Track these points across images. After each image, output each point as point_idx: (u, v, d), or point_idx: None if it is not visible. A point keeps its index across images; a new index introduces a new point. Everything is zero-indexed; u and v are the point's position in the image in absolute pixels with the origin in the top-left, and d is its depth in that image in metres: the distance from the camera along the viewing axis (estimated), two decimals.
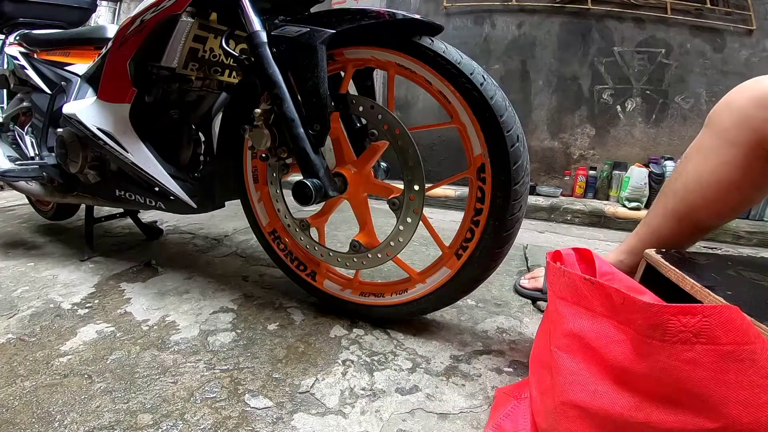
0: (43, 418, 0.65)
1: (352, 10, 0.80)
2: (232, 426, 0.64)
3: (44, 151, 1.37)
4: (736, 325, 0.38)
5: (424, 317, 0.98)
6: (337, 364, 0.80)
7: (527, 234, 1.86)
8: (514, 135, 0.75)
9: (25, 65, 1.42)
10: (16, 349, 0.84)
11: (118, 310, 1.00)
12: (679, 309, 0.40)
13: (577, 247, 0.68)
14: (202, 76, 1.07)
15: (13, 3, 1.51)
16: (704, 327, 0.39)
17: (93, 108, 1.12)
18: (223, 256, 1.41)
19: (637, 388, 0.45)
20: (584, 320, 0.50)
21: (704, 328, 0.39)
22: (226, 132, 1.01)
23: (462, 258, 0.83)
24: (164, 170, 1.08)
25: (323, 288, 1.01)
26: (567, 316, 0.52)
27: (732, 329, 0.38)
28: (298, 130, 0.78)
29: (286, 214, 1.00)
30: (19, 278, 1.20)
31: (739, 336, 0.38)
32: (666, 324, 0.40)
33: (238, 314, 0.99)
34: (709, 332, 0.39)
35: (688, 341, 0.39)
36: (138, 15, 0.97)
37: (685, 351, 0.39)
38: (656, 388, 0.43)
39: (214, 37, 1.01)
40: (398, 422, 0.66)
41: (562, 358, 0.51)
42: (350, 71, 0.89)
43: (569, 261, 0.64)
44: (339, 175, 0.89)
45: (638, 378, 0.44)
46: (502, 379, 0.77)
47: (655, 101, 2.64)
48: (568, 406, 0.49)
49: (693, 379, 0.40)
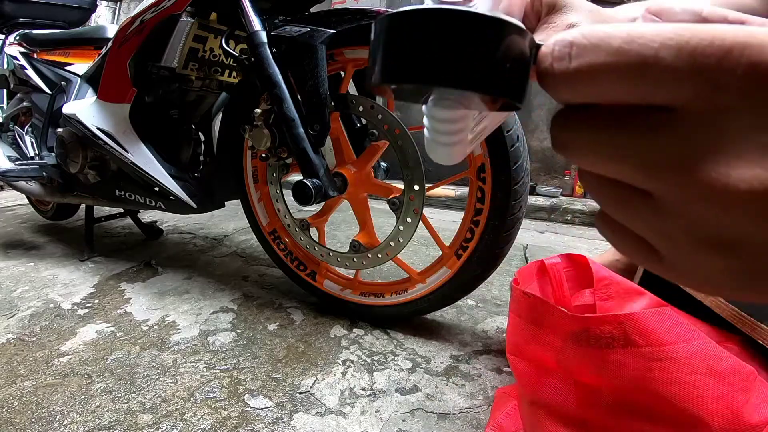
0: (43, 418, 0.65)
1: (352, 10, 0.80)
2: (232, 426, 0.64)
3: (44, 151, 1.37)
4: (650, 329, 0.43)
5: (424, 317, 0.98)
6: (337, 364, 0.80)
7: (527, 234, 1.86)
8: (514, 135, 0.75)
9: (25, 65, 1.42)
10: (16, 349, 0.84)
11: (118, 310, 1.00)
12: (598, 319, 0.46)
13: (570, 254, 0.67)
14: (202, 76, 1.07)
15: (13, 3, 1.51)
16: (618, 333, 0.44)
17: (93, 108, 1.12)
18: (223, 256, 1.41)
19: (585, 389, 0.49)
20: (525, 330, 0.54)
21: (619, 334, 0.44)
22: (226, 132, 1.02)
23: (462, 258, 0.83)
24: (164, 170, 1.08)
25: (323, 288, 1.01)
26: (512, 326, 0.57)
27: (645, 333, 0.43)
28: (298, 130, 0.78)
29: (286, 214, 1.00)
30: (19, 278, 1.20)
31: (655, 338, 0.43)
32: (590, 332, 0.46)
33: (238, 314, 0.99)
34: (625, 337, 0.44)
35: (610, 345, 0.45)
36: (138, 15, 0.97)
37: (610, 353, 0.45)
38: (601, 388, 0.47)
39: (214, 37, 1.01)
40: (398, 422, 0.66)
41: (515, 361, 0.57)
42: (350, 71, 0.89)
43: (554, 270, 0.64)
44: (339, 175, 0.89)
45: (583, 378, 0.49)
46: (502, 379, 0.77)
47: None
48: (535, 406, 0.53)
49: (623, 377, 0.44)
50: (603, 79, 0.13)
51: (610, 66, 0.13)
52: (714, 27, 0.12)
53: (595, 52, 0.13)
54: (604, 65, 0.13)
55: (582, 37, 0.14)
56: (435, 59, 0.17)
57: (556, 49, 0.14)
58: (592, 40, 0.13)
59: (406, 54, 0.17)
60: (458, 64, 0.16)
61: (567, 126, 0.16)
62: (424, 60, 0.17)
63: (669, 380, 0.43)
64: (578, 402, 0.49)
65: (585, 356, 0.46)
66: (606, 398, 0.47)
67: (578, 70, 0.14)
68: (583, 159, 0.16)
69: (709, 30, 0.12)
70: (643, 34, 0.13)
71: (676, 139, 0.13)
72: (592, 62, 0.13)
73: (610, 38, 0.13)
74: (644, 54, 0.12)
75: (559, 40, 0.14)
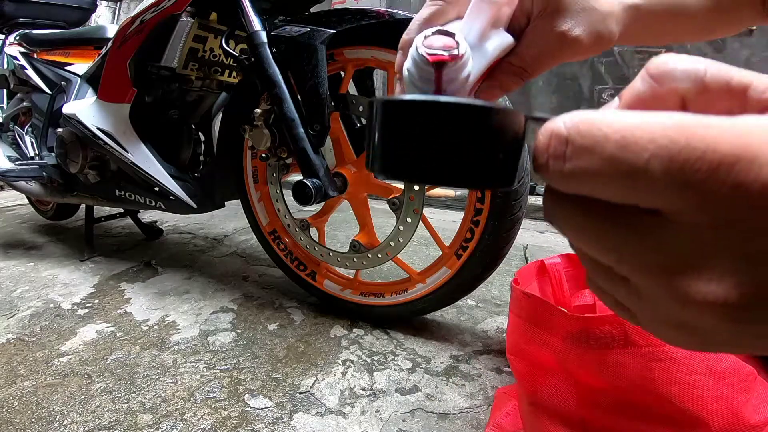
0: (43, 418, 0.65)
1: (352, 10, 0.80)
2: (232, 426, 0.64)
3: (44, 151, 1.37)
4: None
5: (424, 317, 0.98)
6: (337, 364, 0.80)
7: (527, 234, 1.86)
8: None
9: (25, 65, 1.42)
10: (16, 349, 0.84)
11: (118, 310, 1.00)
12: (598, 319, 0.46)
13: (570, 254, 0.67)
14: (202, 76, 1.07)
15: (13, 3, 1.51)
16: (618, 333, 0.44)
17: (93, 108, 1.12)
18: (223, 256, 1.41)
19: (585, 389, 0.49)
20: (525, 330, 0.54)
21: (619, 334, 0.44)
22: (226, 132, 1.02)
23: (462, 258, 0.83)
24: (164, 170, 1.08)
25: (323, 288, 1.01)
26: (512, 326, 0.57)
27: (645, 333, 0.43)
28: (298, 130, 0.78)
29: (286, 214, 1.00)
30: (19, 278, 1.20)
31: (655, 338, 0.43)
32: (590, 332, 0.46)
33: (238, 314, 0.99)
34: (625, 337, 0.44)
35: (610, 345, 0.45)
36: (138, 15, 0.97)
37: (610, 353, 0.45)
38: (601, 388, 0.47)
39: (214, 37, 1.01)
40: (398, 422, 0.66)
41: (515, 361, 0.57)
42: (350, 71, 0.89)
43: (554, 270, 0.64)
44: (339, 175, 0.89)
45: (583, 378, 0.49)
46: (502, 379, 0.77)
47: None
48: (535, 406, 0.53)
49: (623, 377, 0.44)
50: (595, 182, 0.14)
51: (602, 173, 0.13)
52: (711, 129, 0.12)
53: (590, 156, 0.13)
54: (596, 171, 0.13)
55: (578, 136, 0.14)
56: (425, 157, 0.17)
57: (552, 145, 0.15)
58: (587, 141, 0.13)
59: (398, 151, 0.17)
60: (448, 162, 0.16)
61: (558, 204, 0.16)
62: (414, 158, 0.17)
63: (669, 380, 0.43)
64: (578, 402, 0.49)
65: (585, 356, 0.46)
66: (606, 398, 0.47)
67: (572, 172, 0.14)
68: (570, 236, 0.17)
69: (704, 136, 0.12)
70: (637, 140, 0.13)
71: (657, 244, 0.14)
72: (585, 167, 0.14)
73: (605, 142, 0.13)
74: (635, 164, 0.13)
75: (555, 134, 0.14)
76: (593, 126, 0.14)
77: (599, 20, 0.29)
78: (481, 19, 0.24)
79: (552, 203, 0.17)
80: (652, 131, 0.13)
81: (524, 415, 0.58)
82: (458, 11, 0.27)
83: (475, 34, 0.24)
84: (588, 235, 0.16)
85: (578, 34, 0.28)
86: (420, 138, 0.16)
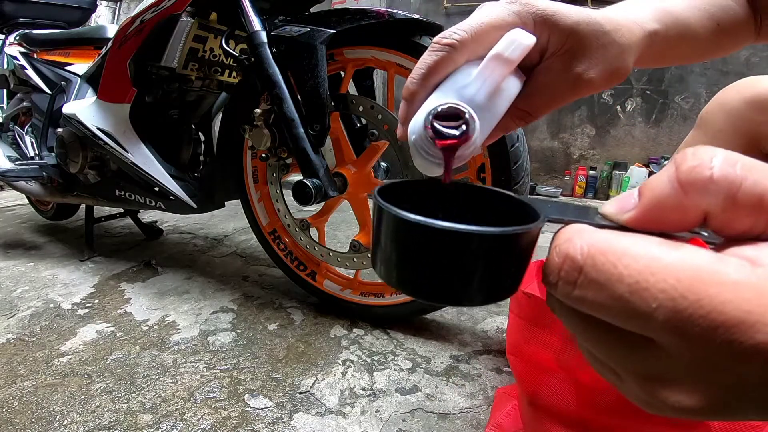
0: (43, 418, 0.65)
1: (352, 10, 0.80)
2: (232, 426, 0.64)
3: (44, 151, 1.37)
4: None
5: (424, 317, 0.98)
6: (337, 364, 0.80)
7: None
8: (513, 135, 0.75)
9: (25, 65, 1.42)
10: (16, 349, 0.84)
11: (118, 310, 1.00)
12: None
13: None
14: (202, 76, 1.07)
15: (13, 3, 1.51)
16: None
17: (93, 108, 1.12)
18: (223, 256, 1.41)
19: (585, 389, 0.49)
20: (525, 330, 0.54)
21: None
22: (226, 132, 1.01)
23: None
24: (164, 170, 1.08)
25: (323, 288, 1.01)
26: (512, 326, 0.57)
27: None
28: (298, 130, 0.78)
29: (286, 214, 1.00)
30: (19, 278, 1.20)
31: None
32: None
33: (238, 314, 0.99)
34: None
35: None
36: (138, 15, 0.97)
37: None
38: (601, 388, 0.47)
39: (214, 37, 1.01)
40: (398, 422, 0.66)
41: (515, 361, 0.57)
42: (350, 71, 0.89)
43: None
44: (339, 175, 0.89)
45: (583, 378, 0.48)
46: (502, 379, 0.77)
47: (655, 101, 2.64)
48: (535, 406, 0.53)
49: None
50: (598, 311, 0.15)
51: (608, 307, 0.14)
52: (723, 289, 0.12)
53: (600, 291, 0.14)
54: (602, 305, 0.14)
55: (593, 269, 0.14)
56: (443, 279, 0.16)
57: (565, 270, 0.15)
58: (600, 277, 0.14)
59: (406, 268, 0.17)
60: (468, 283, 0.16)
61: (559, 306, 0.17)
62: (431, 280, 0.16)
63: None
64: (578, 402, 0.49)
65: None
66: (606, 398, 0.47)
67: (579, 299, 0.15)
68: (567, 327, 0.18)
69: (714, 297, 0.12)
70: (649, 288, 0.13)
71: (643, 358, 0.15)
72: (594, 299, 0.14)
73: (617, 282, 0.13)
74: (641, 310, 0.13)
75: (570, 259, 0.15)
76: (609, 261, 0.14)
77: (616, 55, 0.27)
78: (493, 78, 0.23)
79: (554, 304, 0.18)
80: (665, 280, 0.13)
81: (524, 415, 0.58)
82: (468, 56, 0.24)
83: (485, 93, 0.23)
84: (583, 335, 0.17)
85: (592, 77, 0.26)
86: (441, 263, 0.16)
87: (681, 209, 0.15)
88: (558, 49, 0.26)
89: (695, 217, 0.15)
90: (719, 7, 0.33)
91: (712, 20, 0.33)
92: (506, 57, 0.22)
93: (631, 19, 0.28)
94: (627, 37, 0.27)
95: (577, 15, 0.25)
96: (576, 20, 0.25)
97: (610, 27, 0.26)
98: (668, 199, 0.15)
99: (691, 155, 0.14)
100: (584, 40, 0.26)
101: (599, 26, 0.26)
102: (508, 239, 0.16)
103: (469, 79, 0.23)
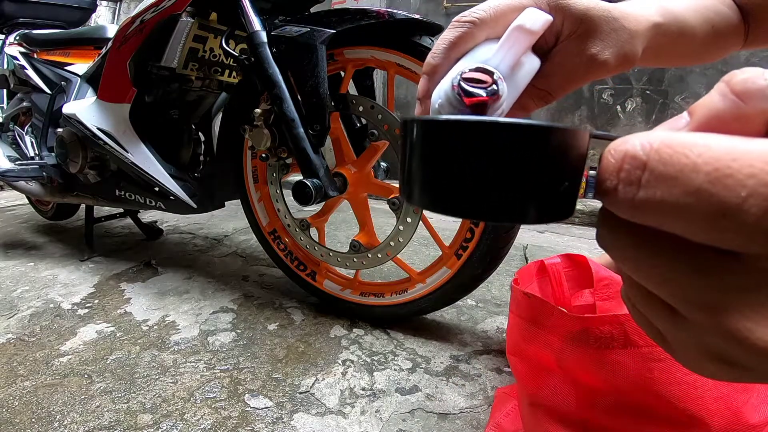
0: (43, 418, 0.65)
1: (352, 10, 0.80)
2: (232, 426, 0.64)
3: (44, 151, 1.37)
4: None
5: (424, 317, 0.98)
6: (337, 364, 0.80)
7: (527, 234, 1.86)
8: None
9: (25, 65, 1.42)
10: (16, 349, 0.84)
11: (118, 310, 1.00)
12: (598, 319, 0.45)
13: (569, 254, 0.67)
14: (202, 76, 1.07)
15: (13, 3, 1.51)
16: (618, 333, 0.44)
17: (93, 108, 1.12)
18: (223, 256, 1.41)
19: (585, 390, 0.49)
20: (525, 330, 0.54)
21: (618, 334, 0.44)
22: (226, 132, 1.02)
23: (462, 258, 0.83)
24: (164, 170, 1.08)
25: (323, 288, 1.01)
26: (512, 326, 0.57)
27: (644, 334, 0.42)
28: (298, 130, 0.78)
29: (286, 214, 1.00)
30: (19, 278, 1.20)
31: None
32: (590, 332, 0.46)
33: (238, 314, 0.99)
34: (625, 337, 0.44)
35: (609, 345, 0.45)
36: (138, 15, 0.97)
37: (610, 353, 0.45)
38: (601, 388, 0.47)
39: (214, 37, 1.01)
40: (398, 422, 0.66)
41: (515, 361, 0.57)
42: (350, 71, 0.89)
43: (554, 270, 0.64)
44: (339, 175, 0.89)
45: (583, 379, 0.49)
46: (502, 379, 0.77)
47: (655, 101, 2.64)
48: (535, 406, 0.53)
49: (623, 377, 0.44)
50: (673, 217, 0.12)
51: (685, 207, 0.11)
52: None
53: (672, 187, 0.11)
54: (678, 206, 0.11)
55: (659, 162, 0.12)
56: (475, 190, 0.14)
57: (625, 169, 0.12)
58: (671, 170, 0.11)
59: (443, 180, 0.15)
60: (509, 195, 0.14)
61: (615, 232, 0.15)
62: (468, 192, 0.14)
63: (669, 380, 0.43)
64: (578, 402, 0.49)
65: (585, 356, 0.46)
66: (606, 398, 0.47)
67: (646, 202, 0.12)
68: (622, 265, 0.15)
69: None
70: (734, 174, 0.11)
71: (722, 284, 0.12)
72: (664, 199, 0.12)
73: (693, 172, 0.11)
74: (729, 203, 0.11)
75: (631, 157, 0.12)
76: (679, 152, 0.11)
77: (627, 40, 0.28)
78: (516, 49, 0.23)
79: (607, 229, 0.15)
80: (752, 164, 0.10)
81: (524, 415, 0.58)
82: (487, 33, 0.25)
83: (508, 63, 0.23)
84: (646, 269, 0.14)
85: (606, 58, 0.28)
86: (478, 167, 0.14)
87: (742, 118, 0.13)
88: (572, 32, 0.27)
89: (758, 125, 0.13)
90: (715, 12, 0.34)
91: (708, 23, 0.34)
92: (528, 28, 0.23)
93: (637, 11, 0.30)
94: (635, 25, 0.29)
95: (588, 1, 0.27)
96: (587, 6, 0.27)
97: (619, 14, 0.28)
98: (726, 111, 0.13)
99: (739, 72, 0.14)
100: (596, 24, 0.27)
101: (609, 12, 0.27)
102: (573, 134, 0.14)
103: (491, 51, 0.24)
